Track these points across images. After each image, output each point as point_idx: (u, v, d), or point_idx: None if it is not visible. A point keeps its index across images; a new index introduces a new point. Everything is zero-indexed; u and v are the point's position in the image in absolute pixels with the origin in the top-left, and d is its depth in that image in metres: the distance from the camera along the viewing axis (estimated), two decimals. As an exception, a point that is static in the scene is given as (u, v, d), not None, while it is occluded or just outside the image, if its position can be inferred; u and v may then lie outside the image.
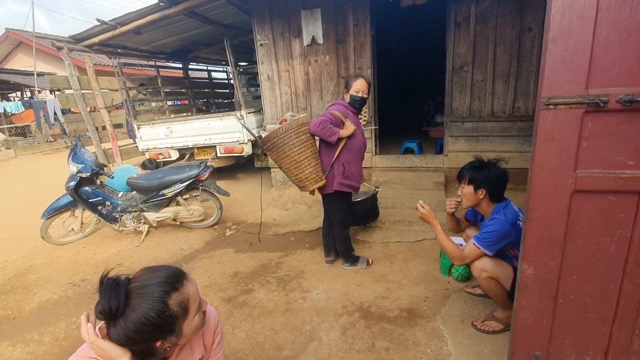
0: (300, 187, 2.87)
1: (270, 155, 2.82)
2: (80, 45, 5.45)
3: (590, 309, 1.22)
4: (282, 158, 2.74)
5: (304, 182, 2.78)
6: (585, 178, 1.09)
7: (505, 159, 2.05)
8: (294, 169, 2.75)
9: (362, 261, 3.11)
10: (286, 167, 2.78)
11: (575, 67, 1.02)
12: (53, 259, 3.78)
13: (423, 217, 2.11)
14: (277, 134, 2.64)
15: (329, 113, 2.68)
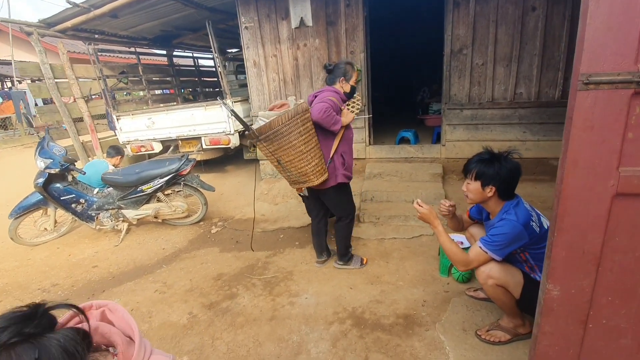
0: (300, 182, 2.51)
1: (267, 147, 2.36)
2: (52, 30, 5.07)
3: (624, 334, 1.01)
4: (285, 149, 2.34)
5: (308, 175, 2.43)
6: (630, 178, 0.86)
7: (519, 152, 1.80)
8: (298, 161, 2.38)
9: (355, 260, 2.90)
10: (287, 160, 2.39)
11: (624, 34, 0.78)
12: (24, 261, 3.52)
13: (423, 217, 1.87)
14: (282, 120, 2.22)
15: (329, 99, 2.38)
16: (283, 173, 2.56)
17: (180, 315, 2.48)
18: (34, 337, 0.65)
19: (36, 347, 0.64)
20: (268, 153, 2.44)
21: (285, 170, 2.48)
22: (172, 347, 2.18)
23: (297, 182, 2.54)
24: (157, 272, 3.13)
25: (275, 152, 2.39)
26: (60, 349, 0.66)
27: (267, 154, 2.45)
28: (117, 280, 3.04)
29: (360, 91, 4.33)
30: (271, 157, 2.46)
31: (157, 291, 2.81)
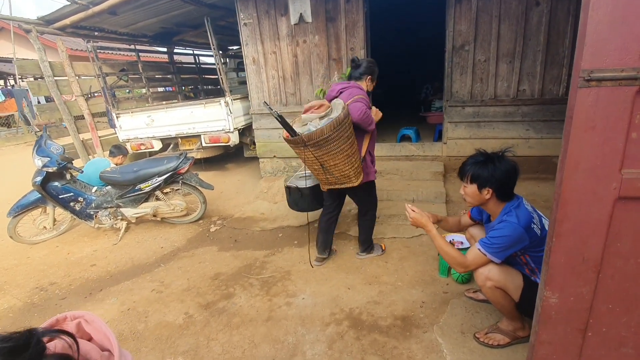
0: (339, 183, 2.43)
1: (313, 152, 2.23)
2: (50, 27, 5.05)
3: (625, 343, 0.96)
4: (333, 154, 2.23)
5: (349, 177, 2.37)
6: (634, 180, 0.81)
7: (513, 150, 1.75)
8: (343, 164, 2.30)
9: (376, 248, 2.98)
10: (333, 164, 2.29)
11: (629, 27, 0.73)
12: (23, 260, 3.52)
13: (415, 222, 1.83)
14: (333, 126, 2.12)
15: (362, 99, 2.32)
16: (321, 175, 2.46)
17: (176, 315, 2.45)
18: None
19: None
20: (312, 158, 2.30)
21: (327, 173, 2.37)
22: (167, 347, 2.15)
23: (336, 183, 2.45)
24: (154, 271, 3.11)
25: (320, 157, 2.28)
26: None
27: (310, 158, 2.31)
28: (114, 279, 3.02)
29: (360, 88, 4.27)
30: (313, 162, 2.34)
31: (154, 290, 2.79)
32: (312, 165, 2.39)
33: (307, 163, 2.37)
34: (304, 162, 2.38)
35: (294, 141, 2.25)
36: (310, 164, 2.38)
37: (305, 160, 2.35)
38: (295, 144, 2.26)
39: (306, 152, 2.25)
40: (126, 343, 2.23)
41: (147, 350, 2.15)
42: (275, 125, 4.77)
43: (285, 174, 4.97)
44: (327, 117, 2.22)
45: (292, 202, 3.21)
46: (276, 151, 4.90)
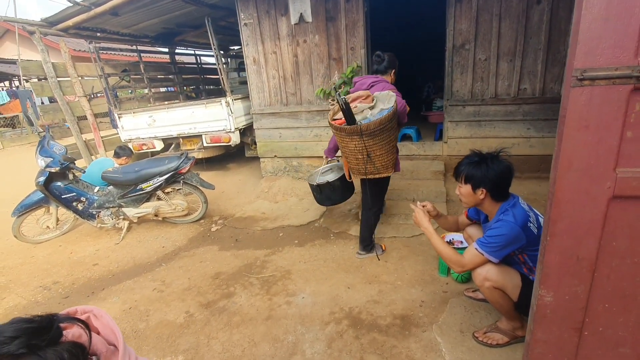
0: (376, 173, 2.51)
1: (364, 141, 2.31)
2: (54, 29, 5.08)
3: (623, 343, 0.96)
4: (383, 143, 2.35)
5: (387, 167, 2.48)
6: (629, 179, 0.81)
7: (508, 151, 1.75)
8: (387, 154, 2.42)
9: (377, 248, 3.00)
10: (379, 154, 2.39)
11: (623, 25, 0.72)
12: (27, 259, 3.55)
13: (416, 220, 1.85)
14: (390, 116, 2.23)
15: (398, 93, 2.42)
16: (360, 165, 2.49)
17: (177, 314, 2.47)
18: (40, 350, 0.68)
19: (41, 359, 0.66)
20: (360, 148, 2.36)
21: (369, 162, 2.43)
22: (168, 346, 2.17)
23: (372, 173, 2.51)
24: (156, 270, 3.13)
25: (370, 147, 2.34)
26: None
27: (359, 148, 2.37)
28: (116, 279, 3.05)
29: (361, 88, 4.27)
30: (360, 151, 2.39)
31: (155, 290, 2.81)
32: (356, 155, 2.43)
33: (351, 153, 2.44)
34: (344, 151, 2.48)
35: (350, 130, 2.29)
36: (355, 153, 2.43)
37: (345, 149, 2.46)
38: (350, 132, 2.30)
39: (352, 140, 2.33)
40: (128, 341, 2.24)
41: (148, 348, 2.17)
42: (276, 125, 4.78)
43: (286, 173, 4.98)
44: (378, 108, 2.32)
45: (325, 197, 3.21)
46: (277, 151, 4.91)
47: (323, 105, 4.46)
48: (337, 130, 2.39)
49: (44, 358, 0.66)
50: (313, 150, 4.72)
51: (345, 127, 2.31)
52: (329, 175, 3.35)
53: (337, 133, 2.42)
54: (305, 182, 4.77)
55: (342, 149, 2.53)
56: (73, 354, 0.71)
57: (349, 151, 2.45)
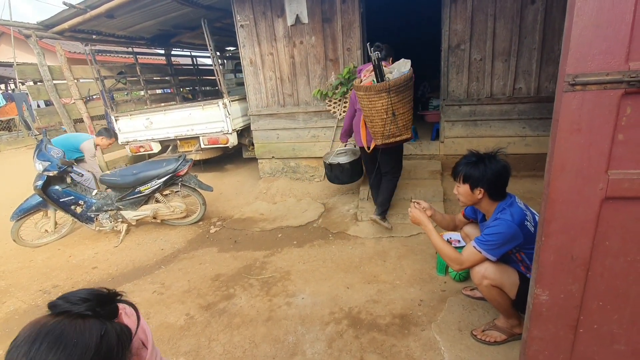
0: (397, 136, 2.81)
1: (391, 98, 2.62)
2: (49, 32, 5.07)
3: (617, 340, 0.98)
4: (405, 101, 2.70)
5: (407, 128, 2.81)
6: (620, 181, 0.83)
7: (504, 151, 1.78)
8: (407, 112, 2.76)
9: (388, 221, 3.33)
10: (402, 112, 2.73)
11: (614, 31, 0.75)
12: (26, 263, 3.55)
13: (414, 219, 1.88)
14: (409, 76, 2.62)
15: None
16: (387, 126, 2.76)
17: (177, 316, 2.48)
18: (103, 318, 0.76)
19: (103, 327, 0.74)
20: (386, 107, 2.67)
21: (393, 123, 2.74)
22: (169, 348, 2.18)
23: (393, 136, 2.81)
24: (155, 273, 3.13)
25: (395, 104, 2.66)
26: (117, 337, 0.76)
27: (385, 107, 2.67)
28: (116, 282, 3.05)
29: (357, 88, 4.29)
30: (386, 111, 2.69)
31: (155, 292, 2.81)
32: (382, 115, 2.73)
33: (377, 113, 2.73)
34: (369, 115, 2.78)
35: (380, 87, 2.60)
36: (381, 113, 2.72)
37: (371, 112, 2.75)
38: (379, 90, 2.61)
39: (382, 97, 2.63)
40: (128, 345, 2.25)
41: (149, 351, 2.17)
42: (273, 126, 4.79)
43: (284, 174, 5.00)
44: (398, 72, 2.68)
45: (334, 176, 3.83)
46: (274, 152, 4.92)
47: (320, 106, 4.48)
48: (366, 91, 2.66)
49: (104, 325, 0.73)
50: (310, 150, 4.74)
51: (375, 85, 2.61)
52: (342, 157, 3.85)
53: (365, 95, 2.69)
54: (304, 183, 4.79)
55: (367, 113, 2.80)
56: (125, 333, 0.78)
57: (376, 112, 2.73)
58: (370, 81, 2.75)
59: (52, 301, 0.75)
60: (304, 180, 4.87)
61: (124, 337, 0.78)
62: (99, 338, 0.71)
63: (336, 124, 4.49)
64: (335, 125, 4.49)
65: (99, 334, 0.71)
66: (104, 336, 0.72)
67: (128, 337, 0.80)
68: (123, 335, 0.78)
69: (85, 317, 0.73)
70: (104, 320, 0.75)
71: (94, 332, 0.71)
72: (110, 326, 0.75)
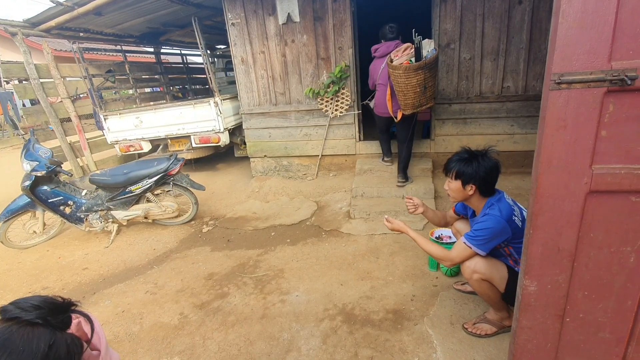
0: (423, 105, 3.35)
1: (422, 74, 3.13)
2: (36, 30, 4.97)
3: (602, 328, 1.03)
4: (434, 76, 3.29)
5: (432, 97, 3.40)
6: (604, 175, 0.87)
7: (495, 150, 1.82)
8: (434, 85, 3.36)
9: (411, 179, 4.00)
10: (431, 84, 3.26)
11: (597, 32, 0.78)
12: (14, 265, 3.49)
13: (394, 230, 1.94)
14: (437, 55, 3.18)
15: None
16: (417, 98, 3.28)
17: (171, 315, 2.47)
18: (54, 328, 0.74)
19: (53, 337, 0.72)
20: (420, 81, 3.16)
21: (423, 94, 3.25)
22: (163, 348, 2.18)
23: (421, 105, 3.34)
24: (148, 272, 3.11)
25: (427, 78, 3.17)
26: (67, 348, 0.74)
27: (419, 81, 3.17)
28: (107, 282, 3.02)
29: (349, 87, 4.32)
30: (419, 85, 3.19)
31: (148, 292, 2.80)
32: (415, 89, 3.22)
33: (412, 88, 3.22)
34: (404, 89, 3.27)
35: (416, 66, 3.11)
36: (415, 87, 3.21)
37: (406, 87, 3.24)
38: (416, 69, 3.12)
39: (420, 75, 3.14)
40: (122, 345, 2.24)
41: (144, 351, 2.17)
42: (265, 125, 4.79)
43: (277, 173, 5.00)
44: (426, 50, 3.14)
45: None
46: (267, 150, 4.92)
47: (312, 105, 4.49)
48: (405, 70, 3.15)
49: (54, 335, 0.72)
50: (303, 149, 4.75)
51: (413, 65, 3.12)
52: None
53: (403, 73, 3.16)
54: (296, 181, 4.81)
55: (402, 88, 3.26)
56: (76, 345, 0.76)
57: (411, 87, 3.22)
58: (406, 60, 3.18)
59: (3, 306, 0.73)
60: (297, 178, 4.89)
61: (74, 348, 0.76)
62: (46, 347, 0.69)
63: (328, 123, 4.51)
64: (327, 123, 4.51)
65: (47, 344, 0.70)
66: (52, 346, 0.70)
67: (79, 348, 0.78)
68: (74, 347, 0.76)
69: (34, 325, 0.71)
70: (54, 330, 0.73)
71: (42, 341, 0.69)
72: (60, 336, 0.73)
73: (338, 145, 4.63)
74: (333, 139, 4.62)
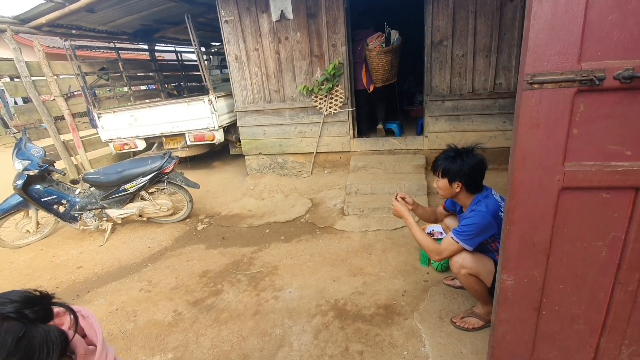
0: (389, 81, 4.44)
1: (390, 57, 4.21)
2: (26, 26, 4.93)
3: (577, 319, 1.06)
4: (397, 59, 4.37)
5: (395, 75, 4.48)
6: (576, 172, 0.90)
7: (482, 146, 1.86)
8: (396, 66, 4.42)
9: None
10: (395, 65, 4.37)
11: (567, 34, 0.80)
12: (6, 264, 3.49)
13: (395, 212, 1.95)
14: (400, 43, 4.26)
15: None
16: (386, 74, 4.33)
17: (165, 313, 2.50)
18: (28, 321, 0.73)
19: (24, 329, 0.71)
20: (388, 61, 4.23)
21: (390, 72, 4.33)
22: (156, 345, 2.20)
23: (388, 80, 4.41)
24: (142, 270, 3.13)
25: (392, 61, 4.25)
26: (41, 340, 0.73)
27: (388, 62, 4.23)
28: (102, 281, 3.04)
29: (343, 84, 4.33)
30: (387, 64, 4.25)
31: (142, 290, 2.82)
32: (385, 67, 4.25)
33: (382, 67, 4.25)
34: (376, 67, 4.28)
35: (386, 50, 4.16)
36: (384, 66, 4.24)
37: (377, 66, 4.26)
38: (386, 52, 4.15)
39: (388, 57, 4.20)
40: (116, 342, 2.26)
41: (137, 348, 2.20)
42: (259, 122, 4.80)
43: (272, 170, 5.02)
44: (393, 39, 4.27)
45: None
46: (261, 148, 4.94)
47: (306, 102, 4.50)
48: (378, 54, 4.16)
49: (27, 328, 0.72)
50: (297, 146, 4.77)
51: (385, 49, 4.14)
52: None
53: (377, 55, 4.16)
54: (291, 178, 4.83)
55: (375, 67, 4.26)
56: (54, 336, 0.76)
57: (381, 66, 4.23)
58: (379, 45, 4.17)
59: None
60: (292, 176, 4.91)
61: (52, 338, 0.76)
62: (13, 341, 0.69)
63: (322, 120, 4.52)
64: (322, 121, 4.53)
65: (15, 337, 0.70)
66: (22, 339, 0.70)
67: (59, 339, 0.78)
68: (52, 337, 0.76)
69: (6, 319, 0.71)
70: (28, 323, 0.73)
71: (10, 335, 0.69)
72: (35, 329, 0.74)
73: (332, 142, 4.65)
74: (327, 136, 4.63)
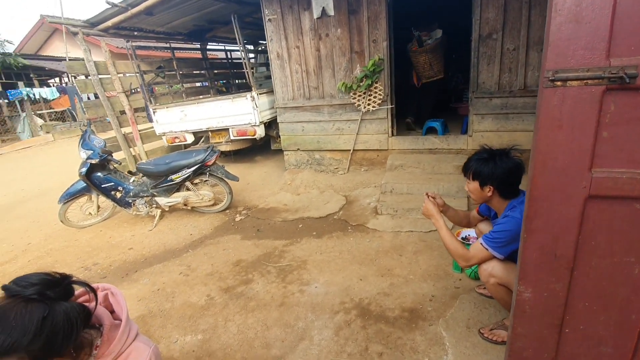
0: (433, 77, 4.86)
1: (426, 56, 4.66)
2: (95, 29, 5.45)
3: (604, 342, 0.96)
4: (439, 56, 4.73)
5: (440, 71, 4.81)
6: (604, 179, 0.81)
7: (520, 148, 1.72)
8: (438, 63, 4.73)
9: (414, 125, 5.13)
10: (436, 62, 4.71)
11: (593, 27, 0.72)
12: (71, 242, 3.93)
13: (425, 212, 1.88)
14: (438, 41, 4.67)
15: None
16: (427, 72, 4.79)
17: (199, 296, 2.66)
18: (50, 300, 0.81)
19: (47, 308, 0.79)
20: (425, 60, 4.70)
21: (431, 69, 4.74)
22: (189, 325, 2.36)
23: (432, 77, 4.84)
24: (183, 255, 3.36)
25: (431, 58, 4.64)
26: (65, 316, 0.81)
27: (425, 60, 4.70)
28: (148, 262, 3.31)
29: (382, 81, 4.25)
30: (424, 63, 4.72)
31: (181, 273, 3.02)
32: (423, 65, 4.75)
33: (420, 65, 4.78)
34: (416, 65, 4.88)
35: (421, 50, 4.63)
36: (422, 64, 4.75)
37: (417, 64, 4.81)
38: (420, 52, 4.64)
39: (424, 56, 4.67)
40: (154, 319, 2.46)
41: (172, 327, 2.37)
42: (298, 119, 4.88)
43: (309, 166, 5.08)
44: (432, 39, 4.70)
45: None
46: (300, 144, 5.02)
47: (345, 99, 4.49)
48: (414, 53, 4.71)
49: (50, 307, 0.79)
50: (335, 143, 4.78)
51: (420, 49, 4.62)
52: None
53: (414, 55, 4.72)
54: (327, 175, 4.86)
55: (415, 65, 4.84)
56: (76, 311, 0.84)
57: (420, 65, 4.78)
58: (414, 46, 4.68)
59: (5, 285, 0.80)
60: (328, 172, 4.93)
61: (74, 314, 0.82)
62: (40, 321, 0.75)
63: (360, 117, 4.48)
64: (360, 118, 4.49)
65: (40, 317, 0.75)
66: (47, 318, 0.76)
67: (81, 314, 0.84)
68: (74, 313, 0.82)
69: (30, 301, 0.77)
70: (50, 303, 0.79)
71: (35, 316, 0.75)
72: (58, 307, 0.80)
73: (370, 140, 4.59)
74: (365, 134, 4.58)
